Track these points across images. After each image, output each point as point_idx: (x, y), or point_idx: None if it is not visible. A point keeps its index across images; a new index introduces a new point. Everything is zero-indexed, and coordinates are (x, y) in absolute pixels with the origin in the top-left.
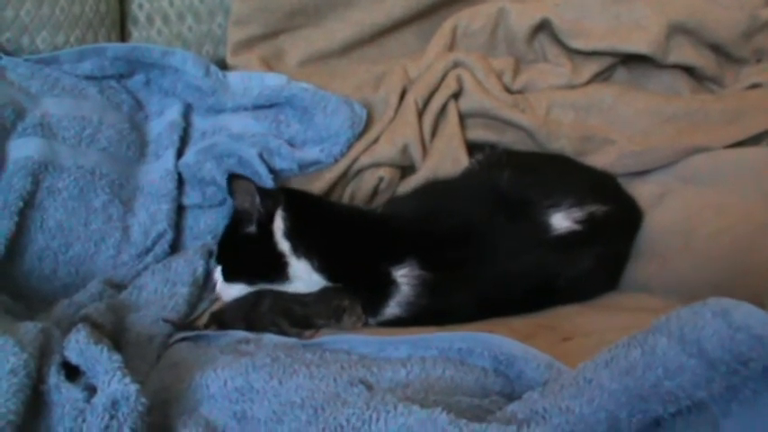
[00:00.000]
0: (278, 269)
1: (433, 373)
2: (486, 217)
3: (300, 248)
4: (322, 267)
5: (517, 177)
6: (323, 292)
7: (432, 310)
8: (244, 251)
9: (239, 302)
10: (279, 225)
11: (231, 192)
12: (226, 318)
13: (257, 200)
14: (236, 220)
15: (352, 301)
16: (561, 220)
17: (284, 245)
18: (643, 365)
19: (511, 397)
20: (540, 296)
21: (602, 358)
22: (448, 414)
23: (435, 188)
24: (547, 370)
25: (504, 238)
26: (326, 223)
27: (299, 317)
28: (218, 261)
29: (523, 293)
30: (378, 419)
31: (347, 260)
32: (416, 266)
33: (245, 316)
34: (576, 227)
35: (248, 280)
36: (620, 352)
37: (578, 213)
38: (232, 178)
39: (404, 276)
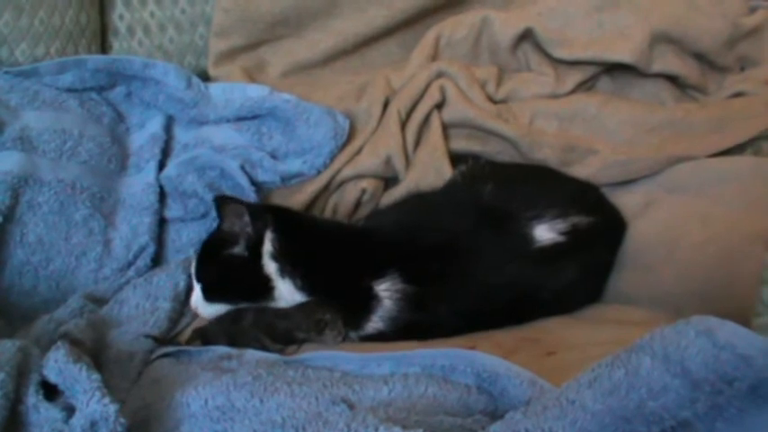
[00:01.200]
0: (263, 291)
1: (416, 391)
2: (468, 229)
3: (286, 269)
4: (305, 286)
5: (500, 189)
6: (305, 304)
7: (415, 324)
8: (228, 273)
9: (221, 318)
10: (268, 248)
11: (220, 214)
12: (208, 334)
13: (249, 224)
14: (218, 240)
15: (334, 314)
16: (544, 232)
17: (271, 266)
18: (626, 386)
19: (494, 415)
20: (524, 308)
21: (585, 378)
22: None
23: (417, 201)
24: (530, 387)
25: (487, 251)
26: (311, 242)
27: (281, 332)
28: (198, 280)
29: (507, 306)
30: None
31: (330, 277)
32: (399, 280)
33: (227, 332)
34: (560, 238)
35: (231, 301)
36: (603, 372)
37: (562, 225)
38: (222, 201)
39: (386, 290)
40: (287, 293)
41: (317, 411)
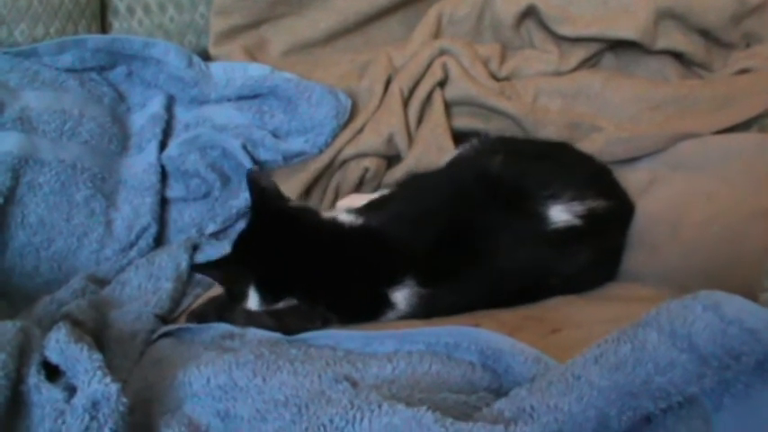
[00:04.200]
0: None
1: (420, 369)
2: (482, 210)
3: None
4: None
5: (513, 165)
6: (296, 309)
7: (424, 315)
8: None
9: (215, 302)
10: (253, 303)
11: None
12: (203, 316)
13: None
14: None
15: (326, 316)
16: (560, 213)
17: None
18: (633, 361)
19: (498, 393)
20: (535, 292)
21: (591, 354)
22: (433, 413)
23: (425, 184)
24: (534, 364)
25: (501, 232)
26: (311, 262)
27: (271, 329)
28: None
29: (519, 290)
30: (362, 419)
31: (339, 297)
32: (414, 283)
33: (219, 317)
34: (576, 221)
35: None
36: (609, 347)
37: (579, 207)
38: (198, 268)
39: (402, 296)
40: None
41: (320, 389)
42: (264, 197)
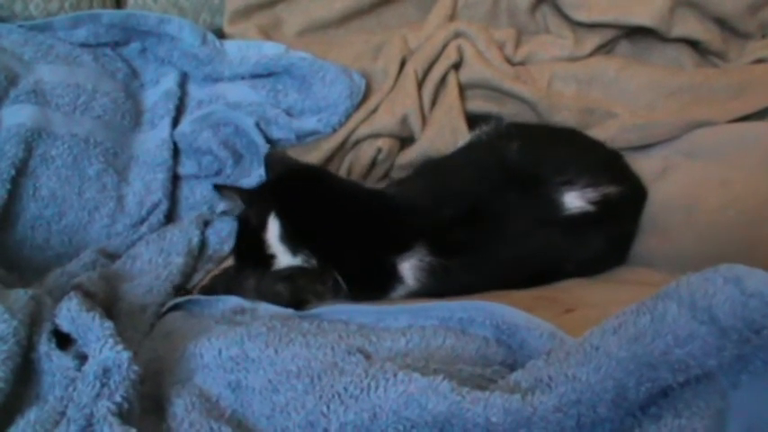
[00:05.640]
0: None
1: (434, 343)
2: (496, 193)
3: (298, 250)
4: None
5: (527, 150)
6: (307, 271)
7: (434, 292)
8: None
9: (223, 277)
10: (273, 231)
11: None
12: (212, 289)
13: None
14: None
15: (335, 281)
16: (574, 200)
17: (278, 248)
18: (652, 332)
19: (513, 368)
20: (550, 276)
21: (609, 325)
22: (449, 382)
23: (441, 165)
24: (550, 339)
25: (514, 217)
26: (326, 219)
27: (285, 297)
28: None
29: (534, 274)
30: (377, 388)
31: (348, 256)
32: (426, 253)
33: (228, 291)
34: (589, 207)
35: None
36: (628, 319)
37: (593, 194)
38: (221, 188)
39: (411, 265)
40: None
41: (333, 361)
42: (285, 161)
